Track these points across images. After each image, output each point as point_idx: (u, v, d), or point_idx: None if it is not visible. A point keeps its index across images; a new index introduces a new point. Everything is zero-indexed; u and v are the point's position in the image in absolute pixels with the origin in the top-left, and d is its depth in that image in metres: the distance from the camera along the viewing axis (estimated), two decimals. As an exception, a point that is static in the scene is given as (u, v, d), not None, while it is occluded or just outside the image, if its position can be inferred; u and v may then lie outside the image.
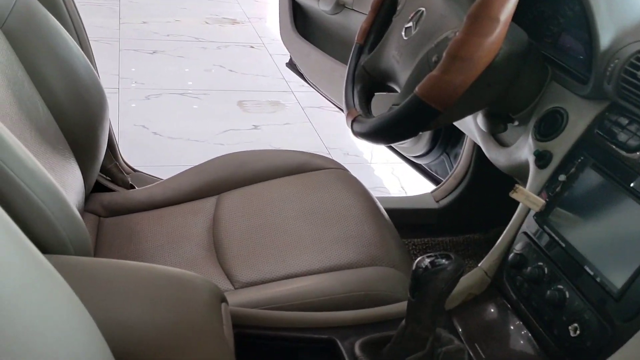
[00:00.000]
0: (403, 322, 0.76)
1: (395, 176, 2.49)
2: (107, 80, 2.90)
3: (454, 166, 1.58)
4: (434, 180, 1.79)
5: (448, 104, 0.81)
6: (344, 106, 1.06)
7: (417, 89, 0.82)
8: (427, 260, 0.73)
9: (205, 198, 1.21)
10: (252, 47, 3.68)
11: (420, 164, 1.84)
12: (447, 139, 1.68)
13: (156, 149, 2.44)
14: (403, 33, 0.99)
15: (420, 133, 1.60)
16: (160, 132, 2.56)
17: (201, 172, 1.25)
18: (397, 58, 0.99)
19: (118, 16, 3.81)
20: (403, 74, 0.96)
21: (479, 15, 0.76)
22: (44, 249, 0.74)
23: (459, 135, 1.59)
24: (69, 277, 0.54)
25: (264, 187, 1.21)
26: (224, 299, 0.76)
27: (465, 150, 1.53)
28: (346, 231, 1.06)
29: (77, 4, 1.25)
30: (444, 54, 0.79)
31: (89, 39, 1.27)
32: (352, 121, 1.00)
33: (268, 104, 2.97)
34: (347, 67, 1.10)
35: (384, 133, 0.93)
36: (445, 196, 1.58)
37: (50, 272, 0.50)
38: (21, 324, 0.46)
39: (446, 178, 1.59)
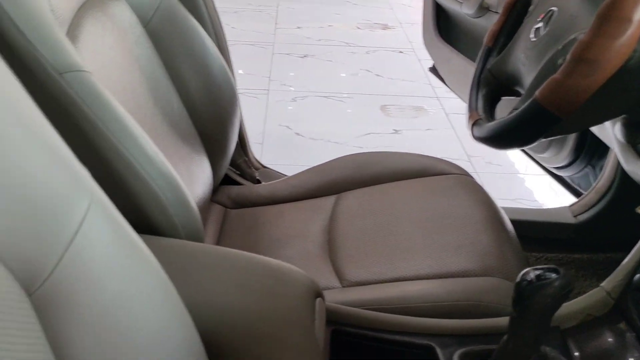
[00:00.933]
0: (505, 337, 0.72)
1: (536, 188, 2.36)
2: (257, 82, 3.06)
3: (597, 179, 1.46)
4: (577, 194, 1.67)
5: (570, 111, 0.75)
6: (466, 109, 1.03)
7: (537, 93, 0.77)
8: (534, 274, 0.69)
9: (325, 197, 1.23)
10: (400, 52, 3.68)
11: (562, 176, 1.72)
12: (592, 150, 1.55)
13: (297, 149, 2.53)
14: (532, 34, 0.94)
15: (562, 142, 1.49)
16: (302, 133, 2.64)
17: (323, 171, 1.28)
18: (524, 61, 0.94)
19: (274, 22, 4.00)
20: (528, 77, 0.91)
21: (608, 15, 0.70)
22: (156, 231, 0.80)
23: (607, 146, 1.47)
24: (170, 258, 0.58)
25: (383, 189, 1.21)
26: (319, 295, 0.77)
27: (610, 162, 1.41)
28: (461, 238, 1.03)
29: (237, 10, 1.33)
30: (568, 56, 0.74)
31: (246, 42, 1.35)
32: (472, 125, 0.97)
33: (411, 109, 2.95)
34: (475, 70, 1.07)
35: (502, 138, 0.88)
36: (585, 211, 1.47)
37: (141, 251, 0.54)
38: (109, 297, 0.50)
39: (587, 192, 1.48)
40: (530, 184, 2.42)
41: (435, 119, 2.87)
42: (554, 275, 0.68)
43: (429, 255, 1.00)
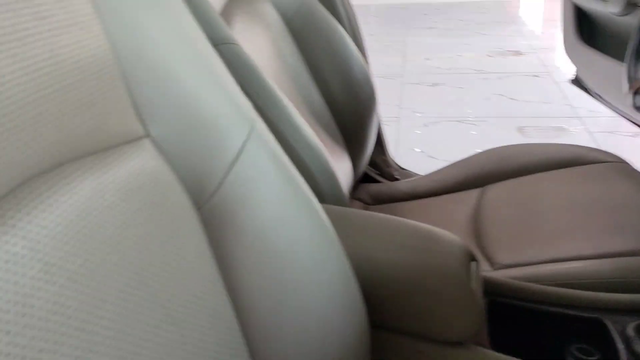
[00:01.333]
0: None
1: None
2: (388, 110, 3.07)
3: None
4: None
5: None
6: (623, 82, 0.96)
7: None
8: None
9: (469, 190, 1.18)
10: (535, 76, 3.55)
11: None
12: None
13: (430, 170, 2.48)
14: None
15: None
16: (435, 156, 2.60)
17: (466, 165, 1.24)
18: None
19: (403, 55, 4.03)
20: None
21: None
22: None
23: None
24: (331, 219, 0.58)
25: (531, 180, 1.14)
26: (473, 258, 0.73)
27: None
28: (622, 220, 0.94)
29: (367, 45, 1.36)
30: None
31: (376, 75, 1.37)
32: (635, 93, 0.90)
33: (551, 129, 2.81)
34: (631, 41, 1.00)
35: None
36: None
37: (298, 183, 0.55)
38: (268, 220, 0.51)
39: None
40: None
41: (579, 139, 2.71)
42: None
43: (589, 237, 0.93)
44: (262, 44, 1.01)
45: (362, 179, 1.29)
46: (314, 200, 0.55)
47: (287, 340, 0.52)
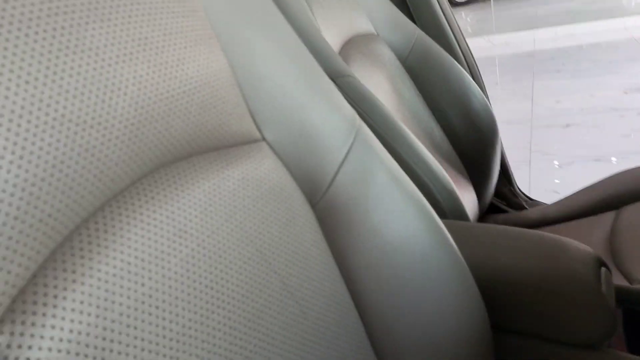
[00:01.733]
0: None
1: None
2: (518, 154, 3.00)
3: None
4: None
5: None
6: None
7: None
8: None
9: (603, 213, 1.14)
10: (680, 108, 3.32)
11: None
12: None
13: (568, 210, 2.37)
14: None
15: None
16: (572, 196, 2.49)
17: (597, 189, 1.19)
18: None
19: (530, 99, 3.94)
20: None
21: None
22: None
23: None
24: (451, 231, 0.61)
25: (672, 197, 1.08)
26: (603, 264, 0.71)
27: None
28: None
29: (492, 93, 1.39)
30: None
31: (503, 121, 1.38)
32: None
33: (703, 162, 2.60)
34: None
35: None
36: None
37: (407, 185, 0.58)
38: (377, 219, 0.55)
39: None
40: None
41: None
42: None
43: None
44: (379, 80, 1.06)
45: (489, 211, 1.28)
46: (424, 200, 0.58)
47: (404, 333, 0.54)
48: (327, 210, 0.53)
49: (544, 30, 5.98)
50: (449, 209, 0.83)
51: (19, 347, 0.29)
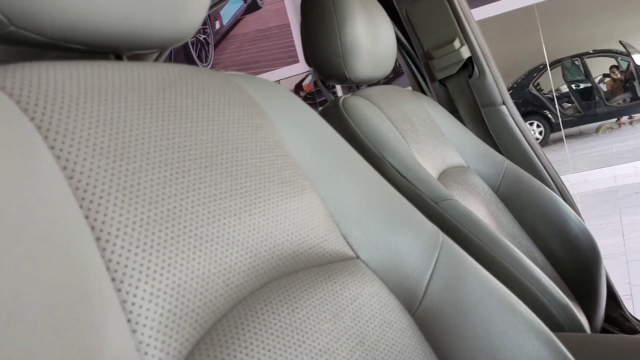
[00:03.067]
0: None
1: None
2: (618, 288, 2.87)
3: None
4: None
5: None
6: None
7: None
8: None
9: None
10: None
11: None
12: None
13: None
14: None
15: None
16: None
17: None
18: None
19: (622, 234, 3.83)
20: None
21: None
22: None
23: None
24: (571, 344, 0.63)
25: None
26: None
27: None
28: None
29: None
30: None
31: None
32: None
33: None
34: None
35: None
36: None
37: (499, 289, 0.61)
38: (472, 321, 0.58)
39: None
40: None
41: None
42: None
43: None
44: (476, 206, 1.11)
45: (601, 336, 1.24)
46: (523, 307, 0.60)
47: None
48: (426, 316, 0.57)
49: (623, 166, 5.92)
50: (565, 323, 0.83)
51: None
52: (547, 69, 9.28)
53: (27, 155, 0.36)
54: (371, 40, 1.06)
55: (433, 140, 1.16)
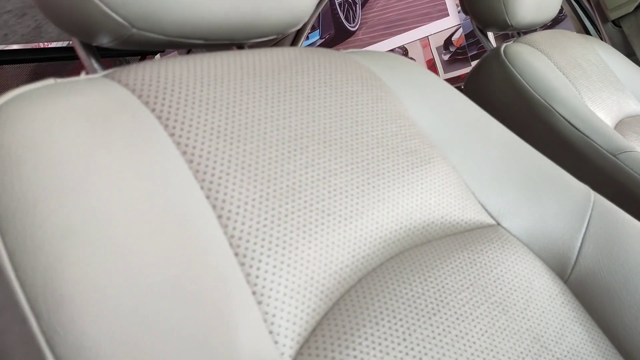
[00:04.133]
0: None
1: None
2: None
3: None
4: None
5: None
6: None
7: None
8: None
9: None
10: None
11: None
12: None
13: None
14: None
15: None
16: None
17: None
18: None
19: None
20: None
21: None
22: None
23: None
24: None
25: None
26: None
27: None
28: None
29: None
30: None
31: None
32: None
33: None
34: None
35: None
36: None
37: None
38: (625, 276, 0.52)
39: None
40: None
41: None
42: None
43: None
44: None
45: None
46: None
47: None
48: (582, 282, 0.52)
49: None
50: None
51: None
52: None
53: (151, 144, 0.39)
54: (534, -19, 0.98)
55: (607, 87, 1.05)
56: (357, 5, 3.59)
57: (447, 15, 3.30)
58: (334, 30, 3.51)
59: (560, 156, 0.85)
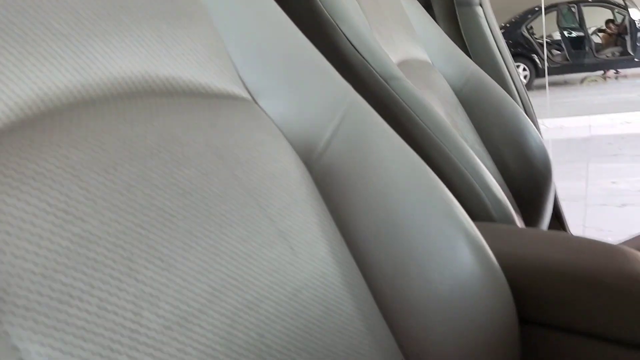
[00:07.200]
0: None
1: None
2: (570, 230, 2.92)
3: None
4: None
5: None
6: None
7: None
8: None
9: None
10: None
11: None
12: None
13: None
14: None
15: None
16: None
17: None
18: None
19: (585, 179, 3.87)
20: None
21: None
22: (474, 217, 0.80)
23: None
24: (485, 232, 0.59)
25: None
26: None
27: None
28: None
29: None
30: None
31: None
32: None
33: None
34: None
35: None
36: None
37: (408, 151, 0.57)
38: (382, 183, 0.54)
39: None
40: None
41: None
42: None
43: None
44: (434, 102, 1.07)
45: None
46: (433, 176, 0.56)
47: (411, 297, 0.51)
48: (325, 174, 0.53)
49: (600, 117, 5.93)
50: (498, 217, 0.81)
51: None
52: (541, 12, 9.13)
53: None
54: None
55: (398, 27, 1.10)
56: None
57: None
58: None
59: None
